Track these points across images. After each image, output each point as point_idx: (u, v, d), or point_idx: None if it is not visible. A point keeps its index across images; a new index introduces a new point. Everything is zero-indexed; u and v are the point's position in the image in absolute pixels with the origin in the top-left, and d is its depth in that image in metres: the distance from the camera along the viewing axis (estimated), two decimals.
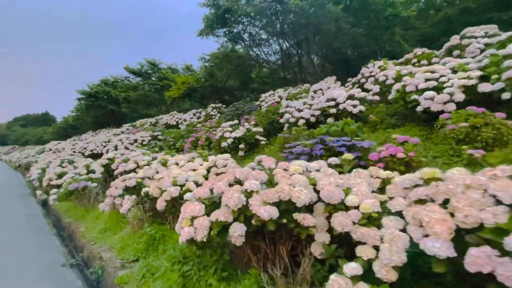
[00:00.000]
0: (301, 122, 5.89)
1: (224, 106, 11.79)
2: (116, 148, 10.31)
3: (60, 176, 7.64)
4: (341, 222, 1.77)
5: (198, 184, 3.53)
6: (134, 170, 5.55)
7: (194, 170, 4.05)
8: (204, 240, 2.06)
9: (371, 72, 7.16)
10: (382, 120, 5.31)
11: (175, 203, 3.39)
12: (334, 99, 5.60)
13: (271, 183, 2.27)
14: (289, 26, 10.87)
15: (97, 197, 5.73)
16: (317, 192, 2.11)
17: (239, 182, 2.35)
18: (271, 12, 11.21)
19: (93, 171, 7.03)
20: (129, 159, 6.79)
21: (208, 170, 3.98)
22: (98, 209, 4.83)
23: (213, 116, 11.15)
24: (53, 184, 7.48)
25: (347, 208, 1.92)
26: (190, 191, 3.34)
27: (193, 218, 2.19)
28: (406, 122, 5.03)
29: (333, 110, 5.50)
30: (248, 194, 2.09)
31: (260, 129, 6.85)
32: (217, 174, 3.85)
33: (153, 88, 19.85)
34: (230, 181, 2.33)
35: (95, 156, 13.52)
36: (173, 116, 13.79)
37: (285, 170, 2.47)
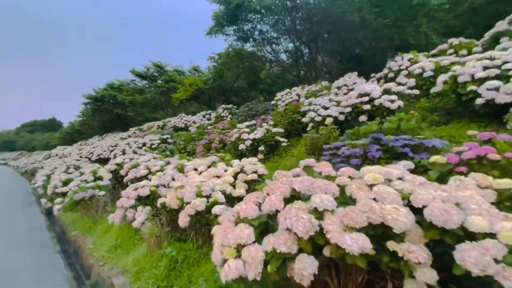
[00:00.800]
0: (329, 120, 5.30)
1: (235, 107, 11.26)
2: (123, 152, 9.84)
3: (65, 183, 7.17)
4: (478, 260, 1.17)
5: (226, 195, 2.97)
6: (146, 177, 5.02)
7: (218, 177, 3.48)
8: (258, 278, 1.48)
9: (400, 66, 6.55)
10: (424, 117, 4.69)
11: (200, 218, 2.82)
12: (367, 94, 5.00)
13: (343, 198, 1.69)
14: (303, 21, 10.33)
15: (106, 207, 5.21)
16: (411, 209, 1.52)
17: (297, 196, 1.77)
18: (282, 7, 10.68)
19: (100, 178, 6.54)
20: (139, 164, 6.28)
21: (235, 177, 3.41)
22: (107, 221, 4.30)
23: (224, 118, 10.61)
24: (58, 192, 7.01)
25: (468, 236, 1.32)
26: (219, 203, 2.78)
27: (239, 246, 1.61)
28: (455, 118, 4.40)
29: (366, 107, 4.90)
30: (318, 215, 1.51)
31: (281, 130, 6.28)
32: (246, 182, 3.28)
33: (160, 91, 19.45)
34: (286, 194, 1.76)
35: (102, 161, 13.09)
36: (182, 119, 13.31)
37: (349, 178, 1.89)
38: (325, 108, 5.65)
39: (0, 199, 8.57)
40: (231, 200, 3.03)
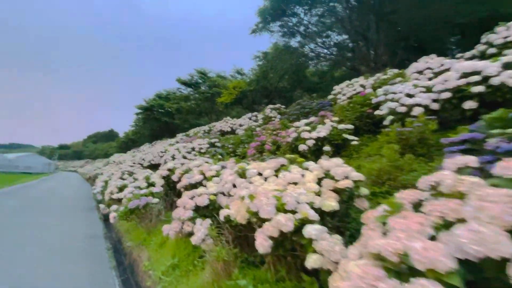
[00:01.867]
0: (418, 110, 4.19)
1: (283, 106, 10.50)
2: (173, 157, 9.77)
3: (120, 189, 7.16)
4: None
5: (315, 209, 2.17)
6: (200, 183, 4.51)
7: (294, 183, 2.71)
8: None
9: (505, 37, 5.08)
10: None
11: (285, 241, 2.07)
12: (476, 73, 3.77)
13: None
14: (359, 5, 9.15)
15: (159, 216, 4.83)
16: None
17: None
18: None
19: (153, 184, 6.31)
20: (191, 169, 5.86)
21: (318, 183, 2.59)
22: (162, 232, 3.84)
23: (273, 118, 9.92)
24: (114, 198, 7.01)
25: None
26: (310, 221, 2.00)
27: None
28: None
29: (478, 89, 3.68)
30: None
31: (349, 126, 5.29)
32: (336, 192, 2.45)
33: (204, 97, 19.72)
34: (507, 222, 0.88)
35: (153, 166, 13.44)
36: (227, 122, 13.02)
37: None
38: (410, 96, 4.53)
39: (65, 203, 9.03)
40: (320, 216, 2.23)
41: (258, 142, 7.07)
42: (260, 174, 3.47)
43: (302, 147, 5.26)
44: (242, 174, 3.62)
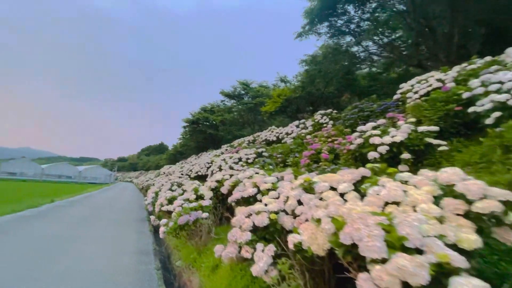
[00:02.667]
0: None
1: (335, 111, 9.60)
2: (220, 168, 9.54)
3: (170, 201, 7.03)
4: None
5: (448, 246, 1.40)
6: (254, 197, 3.97)
7: (394, 203, 1.95)
8: None
9: None
10: None
11: None
12: None
13: None
14: None
15: (210, 233, 4.39)
16: None
17: None
18: None
19: (202, 197, 5.99)
20: (241, 181, 5.38)
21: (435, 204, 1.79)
22: (213, 252, 3.35)
23: (324, 124, 9.07)
24: (164, 210, 6.89)
25: None
26: (453, 268, 1.24)
27: None
28: None
29: None
30: None
31: (434, 128, 4.27)
32: (468, 218, 1.63)
33: (247, 107, 19.67)
34: None
35: (200, 177, 13.52)
36: (272, 131, 12.51)
37: None
38: None
39: (118, 214, 9.33)
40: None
41: (312, 150, 6.33)
42: (333, 188, 2.77)
43: (371, 155, 4.38)
44: (308, 189, 2.95)
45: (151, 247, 5.07)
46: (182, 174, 14.13)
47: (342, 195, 2.60)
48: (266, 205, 3.13)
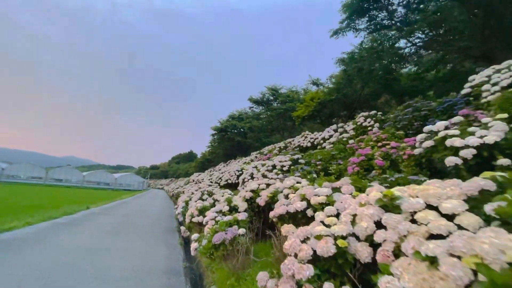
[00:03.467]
0: None
1: (380, 113, 8.56)
2: (252, 176, 8.93)
3: (201, 211, 6.54)
4: None
5: None
6: (303, 213, 3.27)
7: None
8: None
9: None
10: None
11: None
12: None
13: None
14: None
15: (249, 254, 3.72)
16: None
17: None
18: None
19: (236, 208, 5.40)
20: (280, 191, 4.71)
21: None
22: (254, 280, 2.69)
23: (369, 128, 8.08)
24: (195, 222, 6.40)
25: None
26: None
27: None
28: None
29: None
30: None
31: None
32: None
33: (276, 113, 19.04)
34: None
35: (230, 186, 13.03)
36: (306, 137, 11.68)
37: None
38: None
39: (148, 223, 9.08)
40: None
41: (362, 156, 5.45)
42: (430, 207, 1.96)
43: (451, 161, 3.43)
44: (390, 206, 2.17)
45: (181, 265, 4.53)
46: (211, 182, 13.78)
47: (449, 217, 1.81)
48: (327, 226, 2.40)
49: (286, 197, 4.57)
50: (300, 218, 3.33)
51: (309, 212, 3.21)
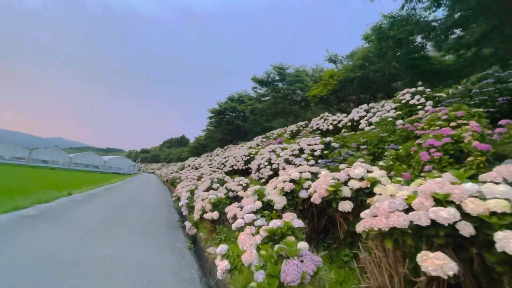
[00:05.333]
0: None
1: (428, 90, 7.07)
2: (270, 162, 7.40)
3: (215, 205, 5.02)
4: None
5: None
6: (452, 227, 1.75)
7: None
8: None
9: None
10: None
11: None
12: None
13: None
14: None
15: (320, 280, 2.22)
16: None
17: None
18: None
19: (270, 203, 3.91)
20: (342, 183, 3.26)
21: None
22: None
23: (418, 106, 6.59)
24: (208, 219, 4.88)
25: None
26: None
27: None
28: None
29: None
30: None
31: None
32: None
33: (283, 94, 17.32)
34: None
35: (236, 172, 11.51)
36: (326, 119, 10.14)
37: None
38: None
39: (143, 214, 7.54)
40: None
41: (447, 138, 3.95)
42: None
43: None
44: None
45: (196, 274, 3.04)
46: (213, 168, 12.21)
47: None
48: None
49: (357, 192, 3.09)
50: (439, 238, 1.83)
51: (467, 229, 1.71)
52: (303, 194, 3.80)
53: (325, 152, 6.21)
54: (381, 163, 4.23)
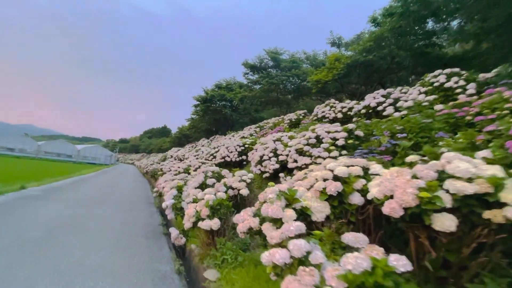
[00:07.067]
0: None
1: (464, 72, 6.06)
2: (275, 153, 6.11)
3: (213, 209, 3.66)
4: None
5: None
6: None
7: None
8: None
9: None
10: None
11: None
12: None
13: None
14: None
15: None
16: None
17: None
18: None
19: (307, 212, 2.61)
20: (439, 185, 1.90)
21: None
22: None
23: (456, 89, 5.54)
24: (206, 230, 3.51)
25: None
26: None
27: None
28: None
29: None
30: None
31: None
32: None
33: (277, 81, 15.96)
34: None
35: (227, 164, 10.11)
36: (333, 107, 8.96)
37: None
38: None
39: (117, 216, 6.04)
40: None
41: None
42: None
43: None
44: None
45: None
46: (202, 160, 10.72)
47: None
48: None
49: (462, 201, 1.89)
50: None
51: None
52: (356, 199, 2.52)
53: (349, 141, 5.01)
54: (482, 153, 3.02)
